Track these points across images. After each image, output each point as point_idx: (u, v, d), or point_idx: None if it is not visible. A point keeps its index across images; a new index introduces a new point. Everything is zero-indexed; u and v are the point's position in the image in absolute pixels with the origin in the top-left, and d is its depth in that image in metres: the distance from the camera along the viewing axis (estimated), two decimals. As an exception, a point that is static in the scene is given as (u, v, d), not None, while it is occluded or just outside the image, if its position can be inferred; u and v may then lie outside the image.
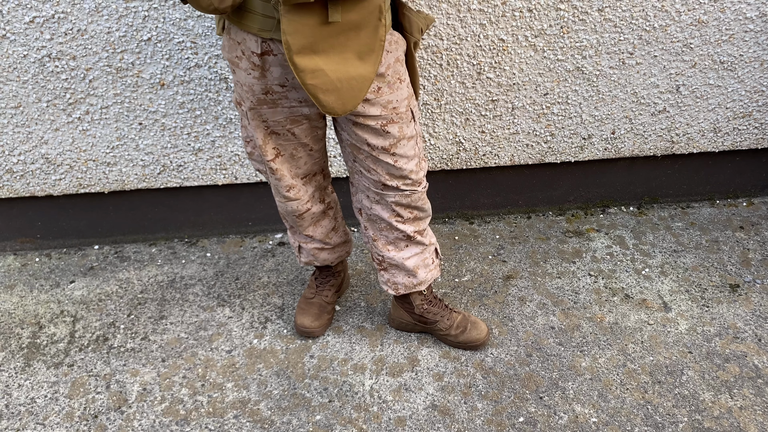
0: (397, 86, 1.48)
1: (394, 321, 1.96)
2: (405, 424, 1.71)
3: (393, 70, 1.45)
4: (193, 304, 2.11)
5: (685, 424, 1.68)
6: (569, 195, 2.44)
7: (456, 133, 2.20)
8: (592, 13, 1.99)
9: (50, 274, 2.26)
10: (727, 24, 2.04)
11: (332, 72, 1.32)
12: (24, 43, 1.91)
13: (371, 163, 1.56)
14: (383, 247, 1.74)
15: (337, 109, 1.36)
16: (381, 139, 1.51)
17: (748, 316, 1.98)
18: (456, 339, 1.87)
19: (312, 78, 1.31)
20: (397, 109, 1.49)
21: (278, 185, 1.65)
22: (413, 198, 1.62)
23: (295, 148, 1.59)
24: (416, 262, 1.75)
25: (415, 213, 1.67)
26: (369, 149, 1.53)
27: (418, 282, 1.78)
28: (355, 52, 1.33)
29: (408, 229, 1.68)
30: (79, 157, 2.15)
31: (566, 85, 2.13)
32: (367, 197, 1.66)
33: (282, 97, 1.47)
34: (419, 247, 1.74)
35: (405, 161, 1.56)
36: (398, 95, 1.48)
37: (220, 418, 1.75)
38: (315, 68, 1.30)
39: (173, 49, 1.96)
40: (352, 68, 1.33)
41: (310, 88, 1.32)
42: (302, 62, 1.29)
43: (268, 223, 2.40)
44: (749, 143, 2.33)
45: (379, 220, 1.69)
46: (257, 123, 1.52)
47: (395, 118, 1.49)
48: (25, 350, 1.97)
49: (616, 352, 1.88)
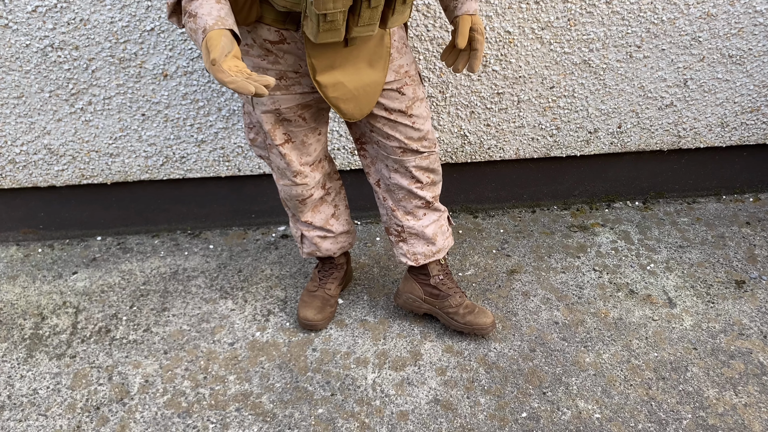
0: (404, 51, 1.56)
1: (401, 297, 1.92)
2: (407, 418, 1.71)
3: (398, 36, 1.53)
4: (196, 296, 2.10)
5: (689, 421, 1.67)
6: (574, 189, 2.42)
7: (461, 126, 2.18)
8: (599, 5, 1.96)
9: (53, 265, 2.26)
10: (736, 17, 2.02)
11: (350, 83, 1.43)
12: (26, 32, 1.90)
13: (389, 129, 1.61)
14: (402, 217, 1.78)
15: (356, 114, 1.48)
16: (397, 101, 1.56)
17: (754, 312, 1.96)
18: (463, 318, 1.85)
19: (333, 91, 1.42)
20: (409, 72, 1.57)
21: (286, 170, 1.67)
22: (431, 159, 1.68)
23: (306, 134, 1.61)
24: (434, 230, 1.80)
25: (432, 177, 1.73)
26: (386, 113, 1.58)
27: (437, 249, 1.82)
28: (366, 61, 1.44)
29: (427, 195, 1.74)
30: (81, 148, 2.14)
31: (573, 78, 2.11)
32: (386, 166, 1.71)
33: (295, 83, 1.50)
34: (436, 214, 1.80)
35: (422, 121, 1.62)
36: (407, 59, 1.56)
37: (222, 410, 1.74)
38: (335, 82, 1.41)
39: (176, 40, 1.94)
40: (365, 76, 1.44)
41: (332, 100, 1.43)
42: (324, 79, 1.40)
43: (272, 215, 2.39)
44: (757, 138, 2.31)
45: (397, 189, 1.73)
46: (268, 109, 1.54)
47: (408, 81, 1.57)
48: (28, 341, 1.97)
49: (620, 348, 1.87)
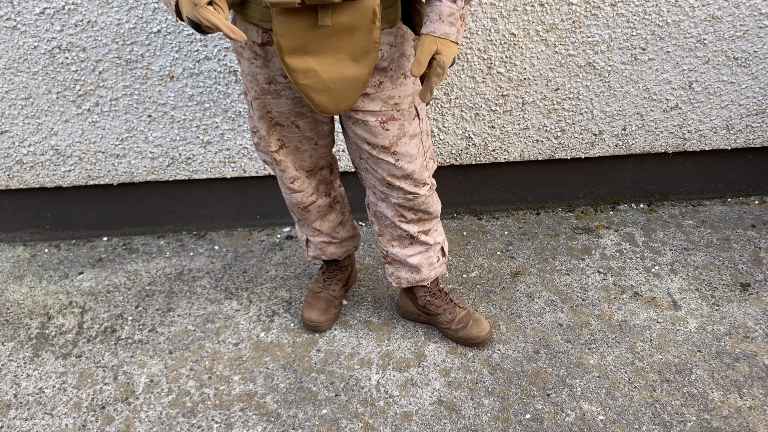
0: (401, 82, 1.45)
1: (400, 308, 1.97)
2: (411, 419, 1.71)
3: (396, 65, 1.43)
4: (201, 296, 2.11)
5: (693, 424, 1.66)
6: (579, 191, 2.42)
7: (465, 128, 2.19)
8: (604, 7, 1.97)
9: (59, 266, 2.27)
10: (741, 20, 2.02)
11: (324, 72, 1.34)
12: (34, 34, 1.92)
13: (372, 164, 1.55)
14: (387, 243, 1.75)
15: (330, 108, 1.39)
16: (381, 137, 1.49)
17: (759, 315, 1.96)
18: (456, 334, 1.87)
19: (304, 78, 1.34)
20: (399, 105, 1.47)
21: (282, 176, 1.65)
22: (416, 202, 1.61)
23: (300, 140, 1.58)
24: (419, 260, 1.75)
25: (420, 215, 1.66)
26: (369, 148, 1.51)
27: (421, 278, 1.78)
28: (348, 54, 1.34)
29: (411, 229, 1.68)
30: (88, 149, 2.16)
31: (577, 80, 2.11)
32: (374, 194, 1.66)
33: (285, 88, 1.46)
34: (423, 247, 1.74)
35: (407, 160, 1.53)
36: (401, 91, 1.46)
37: (227, 410, 1.75)
38: (307, 68, 1.33)
39: (183, 42, 1.95)
40: (345, 69, 1.35)
41: (302, 87, 1.35)
42: (294, 62, 1.32)
43: (277, 216, 2.40)
44: (762, 141, 2.30)
45: (383, 218, 1.69)
46: (261, 113, 1.52)
47: (396, 115, 1.47)
48: (34, 341, 1.98)
49: (624, 350, 1.86)
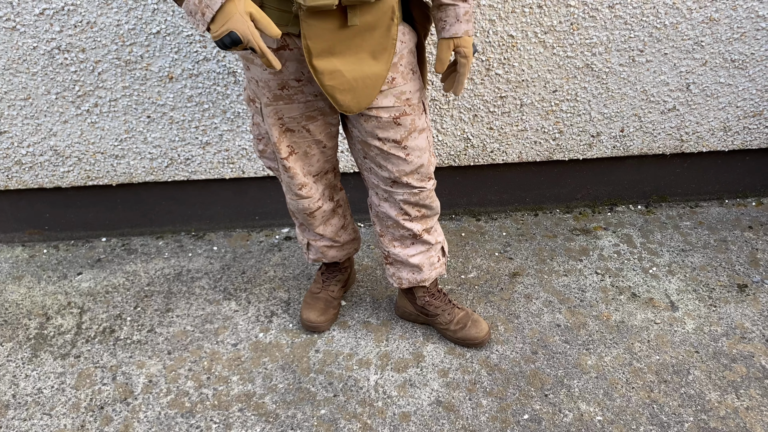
0: (410, 77, 1.48)
1: (399, 309, 1.98)
2: (410, 419, 1.71)
3: (406, 60, 1.46)
4: (200, 297, 2.11)
5: (690, 424, 1.67)
6: (577, 193, 2.43)
7: (464, 129, 2.19)
8: (602, 9, 1.97)
9: (58, 266, 2.27)
10: (738, 22, 2.03)
11: (348, 72, 1.36)
12: (34, 35, 1.92)
13: (382, 160, 1.56)
14: (389, 243, 1.75)
15: (352, 107, 1.41)
16: (392, 131, 1.51)
17: (756, 316, 1.96)
18: (454, 335, 1.88)
19: (330, 79, 1.36)
20: (410, 100, 1.50)
21: (291, 183, 1.64)
22: (421, 196, 1.63)
23: (309, 145, 1.58)
24: (421, 260, 1.76)
25: (423, 211, 1.67)
26: (380, 143, 1.53)
27: (422, 279, 1.79)
28: (369, 52, 1.37)
29: (415, 228, 1.69)
30: (87, 150, 2.16)
31: (575, 82, 2.11)
32: (376, 194, 1.67)
33: (298, 92, 1.47)
34: (425, 246, 1.75)
35: (417, 154, 1.56)
36: (411, 86, 1.49)
37: (225, 411, 1.75)
38: (333, 70, 1.35)
39: (182, 43, 1.96)
40: (366, 67, 1.37)
41: (328, 89, 1.37)
42: (321, 65, 1.34)
43: (275, 217, 2.40)
44: (759, 142, 2.31)
45: (386, 218, 1.70)
46: (273, 120, 1.52)
47: (408, 110, 1.50)
48: (33, 341, 1.98)
49: (622, 351, 1.87)
